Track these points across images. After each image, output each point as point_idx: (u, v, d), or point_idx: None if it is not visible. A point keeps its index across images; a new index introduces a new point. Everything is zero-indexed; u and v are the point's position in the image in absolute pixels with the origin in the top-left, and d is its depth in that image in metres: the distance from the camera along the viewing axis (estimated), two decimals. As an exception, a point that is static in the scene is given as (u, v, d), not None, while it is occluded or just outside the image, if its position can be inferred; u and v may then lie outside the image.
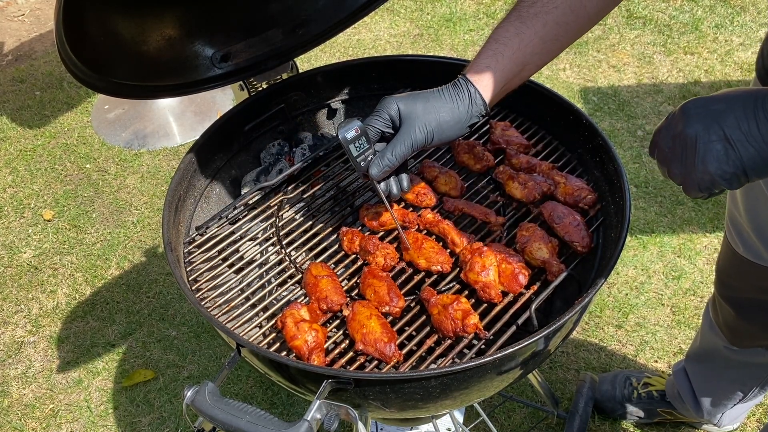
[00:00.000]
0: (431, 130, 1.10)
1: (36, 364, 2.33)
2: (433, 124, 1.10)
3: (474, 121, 1.13)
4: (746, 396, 1.72)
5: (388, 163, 1.12)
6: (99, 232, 2.78)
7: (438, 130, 1.10)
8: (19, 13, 4.25)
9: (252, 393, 2.19)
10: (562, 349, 2.21)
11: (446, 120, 1.10)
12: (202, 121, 3.30)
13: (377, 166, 1.12)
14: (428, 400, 1.05)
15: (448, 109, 1.10)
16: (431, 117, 1.10)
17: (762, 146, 0.80)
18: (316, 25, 1.54)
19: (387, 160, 1.12)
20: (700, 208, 2.63)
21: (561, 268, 1.17)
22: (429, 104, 1.10)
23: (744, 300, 1.48)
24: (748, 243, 1.35)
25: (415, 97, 1.12)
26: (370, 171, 1.13)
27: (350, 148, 1.12)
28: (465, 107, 1.10)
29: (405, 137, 1.10)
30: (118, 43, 1.30)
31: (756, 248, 1.32)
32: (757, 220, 1.29)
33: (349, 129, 1.12)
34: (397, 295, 1.16)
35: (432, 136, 1.11)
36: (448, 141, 1.14)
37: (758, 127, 0.80)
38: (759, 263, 1.33)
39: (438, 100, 1.11)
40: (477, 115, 1.12)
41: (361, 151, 1.13)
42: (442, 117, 1.10)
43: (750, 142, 0.81)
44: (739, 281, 1.47)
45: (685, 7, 3.73)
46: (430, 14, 3.91)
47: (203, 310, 1.12)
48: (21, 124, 3.37)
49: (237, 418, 0.95)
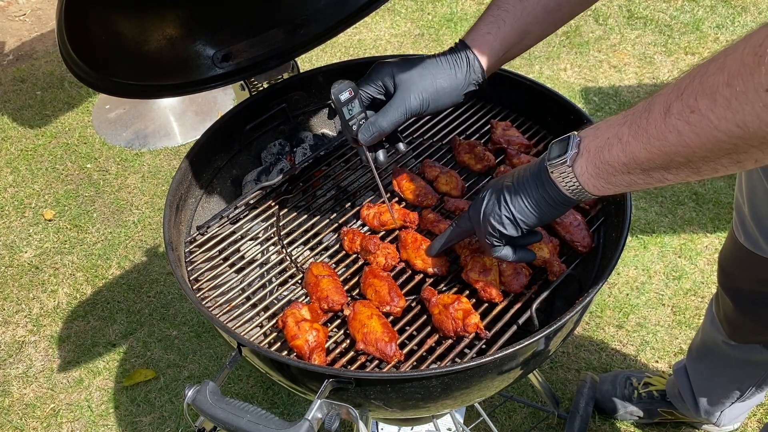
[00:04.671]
0: (426, 97, 1.07)
1: (37, 364, 2.34)
2: (430, 91, 1.06)
3: (471, 89, 1.10)
4: (743, 395, 1.72)
5: (378, 130, 1.08)
6: (100, 232, 2.78)
7: (434, 97, 1.07)
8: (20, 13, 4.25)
9: (253, 392, 2.19)
10: (562, 349, 2.21)
11: (443, 87, 1.07)
12: (203, 121, 3.30)
13: (367, 132, 1.09)
14: (429, 399, 1.05)
15: (446, 76, 1.07)
16: (427, 84, 1.06)
17: (526, 197, 0.96)
18: (317, 24, 1.54)
19: (377, 127, 1.08)
20: (701, 209, 2.63)
21: (562, 267, 1.17)
22: (426, 71, 1.07)
23: (744, 292, 1.48)
24: (748, 232, 1.35)
25: (411, 63, 1.08)
26: (358, 136, 1.10)
27: (343, 111, 1.09)
28: (463, 74, 1.08)
29: (399, 104, 1.07)
30: (120, 42, 1.30)
31: (755, 238, 1.33)
32: (754, 210, 1.29)
33: (343, 91, 1.08)
34: (398, 294, 1.16)
35: (428, 104, 1.08)
36: (443, 109, 1.11)
37: (526, 183, 0.96)
38: (757, 253, 1.33)
39: (435, 67, 1.08)
40: (474, 83, 1.09)
41: (353, 115, 1.09)
42: (439, 84, 1.07)
43: (520, 195, 0.97)
44: (739, 271, 1.47)
45: (686, 7, 3.73)
46: (431, 14, 3.91)
47: (204, 309, 1.12)
48: (22, 124, 3.37)
49: (238, 418, 0.95)
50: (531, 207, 0.96)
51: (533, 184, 0.94)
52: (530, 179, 0.95)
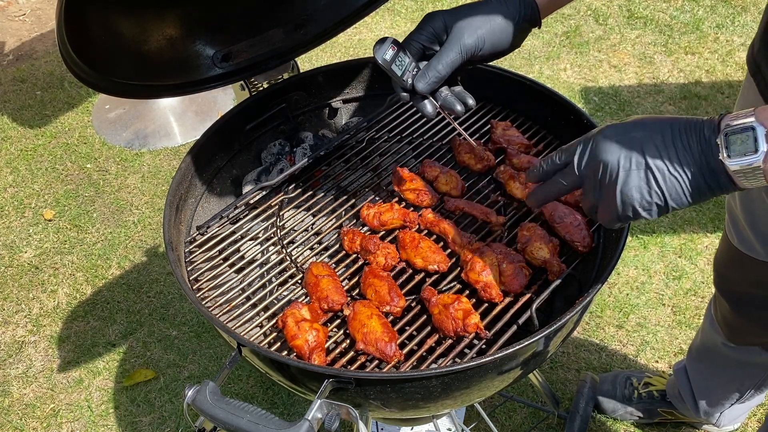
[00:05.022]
0: (481, 35, 1.02)
1: (37, 364, 2.34)
2: (484, 29, 1.02)
3: (525, 28, 1.05)
4: (743, 396, 1.72)
5: (435, 74, 1.03)
6: (100, 232, 2.78)
7: (489, 35, 1.02)
8: (20, 13, 4.25)
9: (253, 392, 2.19)
10: (562, 349, 2.21)
11: (497, 23, 1.02)
12: (203, 121, 3.30)
13: (423, 78, 1.03)
14: (429, 399, 1.05)
15: (498, 12, 1.03)
16: (481, 21, 1.02)
17: (683, 177, 0.80)
18: (317, 24, 1.54)
19: (434, 71, 1.02)
20: (701, 209, 2.63)
21: (562, 267, 1.17)
22: (477, 10, 1.03)
23: (740, 294, 1.48)
24: (742, 235, 1.35)
25: (460, 8, 1.04)
26: (416, 85, 1.03)
27: (393, 69, 1.02)
28: (516, 9, 1.03)
29: (453, 44, 1.02)
30: (120, 42, 1.30)
31: (750, 241, 1.32)
32: (751, 213, 1.29)
33: (385, 49, 1.02)
34: (397, 294, 1.16)
35: (483, 41, 1.02)
36: (499, 51, 1.05)
37: (678, 157, 0.80)
38: (752, 256, 1.33)
39: (486, 5, 1.04)
40: (528, 20, 1.05)
41: (405, 69, 1.03)
42: (493, 21, 1.02)
43: (671, 172, 0.81)
44: (734, 274, 1.47)
45: (686, 7, 3.73)
46: (431, 14, 3.91)
47: (204, 309, 1.12)
48: (22, 124, 3.37)
49: (238, 418, 0.95)
50: (687, 193, 0.82)
51: (698, 173, 0.81)
52: (692, 163, 0.81)
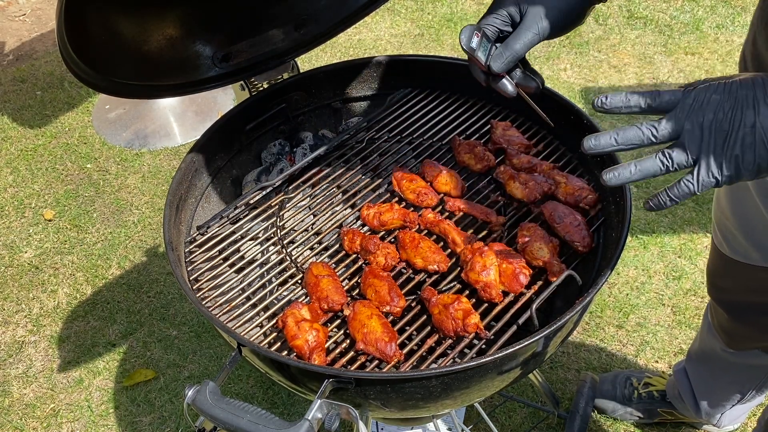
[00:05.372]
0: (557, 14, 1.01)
1: (37, 364, 2.34)
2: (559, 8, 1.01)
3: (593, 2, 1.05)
4: (744, 397, 1.72)
5: (512, 54, 1.03)
6: (100, 232, 2.78)
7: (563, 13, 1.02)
8: (20, 13, 4.25)
9: (253, 392, 2.19)
10: (562, 349, 2.21)
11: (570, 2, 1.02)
12: (203, 121, 3.30)
13: (499, 58, 1.03)
14: (429, 399, 1.05)
15: None
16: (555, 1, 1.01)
17: None
18: (317, 25, 1.54)
19: (511, 50, 1.02)
20: (701, 209, 2.63)
21: (562, 268, 1.17)
22: None
23: (736, 303, 1.48)
24: (733, 245, 1.35)
25: None
26: (493, 66, 1.04)
27: (478, 55, 1.03)
28: None
29: (530, 24, 1.02)
30: (120, 42, 1.30)
31: (743, 249, 1.32)
32: (744, 221, 1.29)
33: (471, 37, 1.03)
34: (397, 294, 1.16)
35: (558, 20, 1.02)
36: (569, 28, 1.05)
37: None
38: (747, 263, 1.33)
39: None
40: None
41: (488, 54, 1.04)
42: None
43: None
44: (729, 283, 1.47)
45: (686, 7, 3.73)
46: (431, 14, 3.91)
47: (204, 309, 1.12)
48: (22, 124, 3.37)
49: (238, 418, 0.95)
50: None
51: None
52: None
